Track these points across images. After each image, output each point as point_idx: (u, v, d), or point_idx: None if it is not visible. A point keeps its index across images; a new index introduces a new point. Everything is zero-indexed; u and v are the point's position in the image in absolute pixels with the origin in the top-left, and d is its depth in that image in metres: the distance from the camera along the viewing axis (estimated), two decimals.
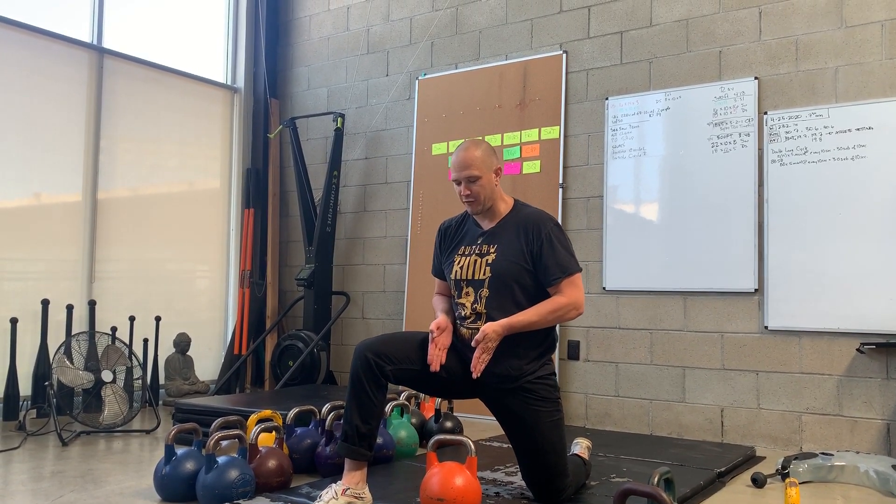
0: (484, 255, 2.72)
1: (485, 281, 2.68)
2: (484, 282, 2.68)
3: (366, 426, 2.57)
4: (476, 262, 2.73)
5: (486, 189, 2.71)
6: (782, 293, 4.10)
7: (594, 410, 4.63)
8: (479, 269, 2.71)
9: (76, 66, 5.08)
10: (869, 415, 3.87)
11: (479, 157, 2.70)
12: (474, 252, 2.75)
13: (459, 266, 2.76)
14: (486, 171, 2.70)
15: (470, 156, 2.70)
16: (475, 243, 2.78)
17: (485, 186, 2.70)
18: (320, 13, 6.15)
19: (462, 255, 2.79)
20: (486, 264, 2.69)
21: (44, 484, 3.01)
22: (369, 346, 2.58)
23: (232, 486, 2.67)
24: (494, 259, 2.69)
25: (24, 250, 4.75)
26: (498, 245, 2.71)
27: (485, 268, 2.69)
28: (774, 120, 4.20)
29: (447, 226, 2.95)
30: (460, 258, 2.78)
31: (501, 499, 2.75)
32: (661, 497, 1.99)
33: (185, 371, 5.35)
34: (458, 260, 2.79)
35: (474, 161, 2.69)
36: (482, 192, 2.71)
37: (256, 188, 6.14)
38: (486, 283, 2.68)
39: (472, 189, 2.70)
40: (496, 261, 2.68)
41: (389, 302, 5.56)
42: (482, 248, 2.74)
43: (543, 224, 2.69)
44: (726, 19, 4.39)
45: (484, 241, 2.75)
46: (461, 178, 2.70)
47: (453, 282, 2.78)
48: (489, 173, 2.71)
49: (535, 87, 5.00)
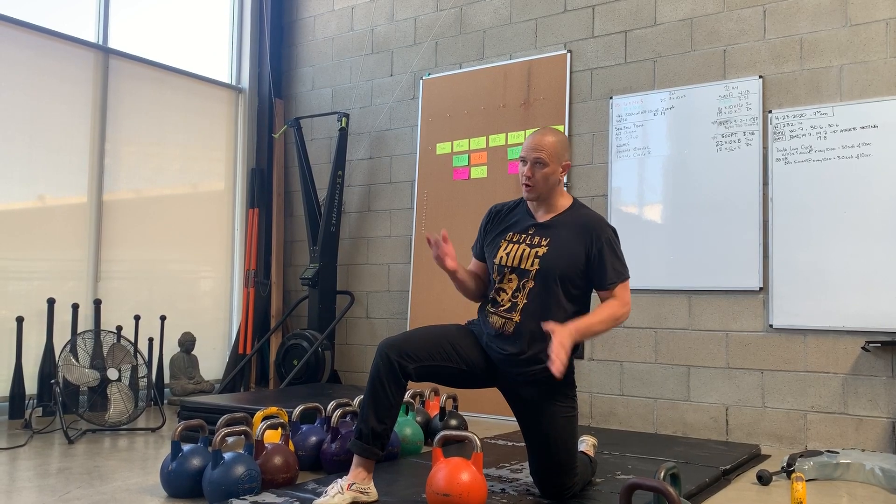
0: (534, 245, 2.66)
1: (531, 272, 2.63)
2: (530, 273, 2.63)
3: (381, 425, 2.57)
4: (525, 251, 2.66)
5: (549, 179, 2.66)
6: (787, 292, 4.09)
7: (599, 409, 4.63)
8: (526, 259, 2.65)
9: (81, 66, 5.10)
10: (874, 413, 3.86)
11: (550, 144, 2.65)
12: (524, 241, 2.69)
13: (506, 252, 2.70)
14: (553, 161, 2.64)
15: (544, 140, 2.65)
16: (526, 232, 2.71)
17: (547, 176, 2.65)
18: (325, 13, 6.17)
19: (510, 242, 2.71)
20: (536, 256, 2.63)
21: (50, 480, 3.02)
22: (392, 345, 2.58)
23: (238, 482, 2.67)
24: (546, 253, 2.63)
25: (30, 251, 4.77)
26: (551, 239, 2.65)
27: (533, 259, 2.63)
28: (779, 118, 4.20)
29: (498, 209, 2.86)
30: (507, 244, 2.71)
31: (507, 495, 2.76)
32: (668, 491, 1.99)
33: (190, 370, 5.36)
34: (504, 245, 2.72)
35: (545, 146, 2.64)
36: (543, 180, 2.65)
37: (261, 188, 6.15)
38: (532, 274, 2.63)
39: (534, 172, 2.64)
40: (547, 255, 2.63)
41: (394, 301, 5.57)
42: (533, 240, 2.68)
43: (603, 229, 2.65)
44: (730, 18, 4.39)
45: (536, 233, 2.69)
46: (528, 159, 2.65)
47: (496, 266, 2.71)
48: (556, 165, 2.66)
49: (539, 87, 5.01)
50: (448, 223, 5.26)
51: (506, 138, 5.09)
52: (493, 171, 5.11)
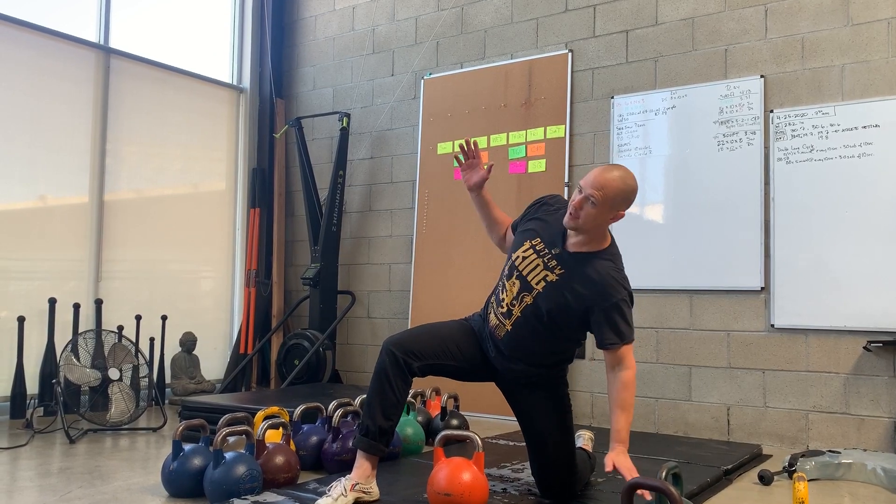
0: (549, 268, 2.57)
1: (533, 291, 2.58)
2: (532, 291, 2.58)
3: (387, 422, 2.59)
4: (538, 266, 2.58)
5: (594, 220, 2.49)
6: (789, 291, 4.09)
7: (600, 409, 4.63)
8: (536, 275, 2.58)
9: (82, 66, 5.10)
10: (876, 413, 3.86)
11: (613, 191, 2.45)
12: (544, 256, 2.59)
13: (524, 254, 2.63)
14: (607, 209, 2.47)
15: (609, 183, 2.45)
16: (550, 250, 2.59)
17: (594, 217, 2.47)
18: (326, 13, 6.16)
19: (532, 248, 2.62)
20: (545, 279, 2.56)
21: (51, 480, 3.02)
22: (398, 342, 2.60)
23: (239, 482, 2.67)
24: (554, 282, 2.54)
25: (31, 251, 4.77)
26: (566, 273, 2.54)
27: (542, 280, 2.56)
28: (780, 118, 4.20)
29: (545, 203, 2.75)
30: (530, 248, 2.63)
31: (508, 494, 2.75)
32: (669, 491, 1.99)
33: (191, 370, 5.36)
34: (526, 246, 2.64)
35: (608, 190, 2.44)
36: (588, 220, 2.48)
37: (262, 188, 6.15)
38: (533, 293, 2.58)
39: (583, 207, 2.46)
40: (554, 284, 2.54)
41: (395, 301, 5.56)
42: (551, 262, 2.57)
43: (617, 291, 2.49)
44: (732, 18, 4.39)
45: (556, 257, 2.57)
46: (584, 191, 2.46)
47: (510, 261, 2.67)
48: (608, 213, 2.48)
49: (540, 87, 5.00)
50: (449, 223, 5.26)
51: (507, 138, 5.09)
52: (495, 171, 5.11)
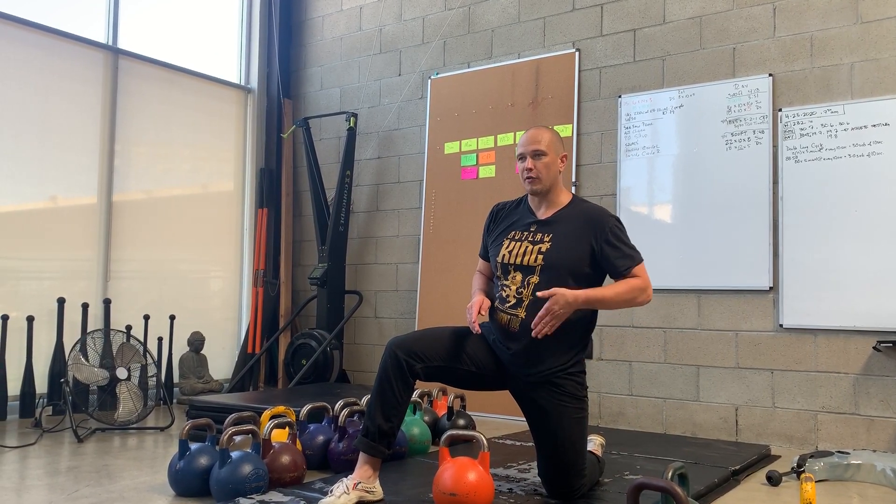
0: (537, 242, 2.68)
1: (535, 268, 2.63)
2: (535, 269, 2.64)
3: (388, 424, 2.57)
4: (527, 248, 2.68)
5: (551, 169, 2.70)
6: (797, 291, 4.07)
7: (608, 409, 4.61)
8: (529, 256, 2.66)
9: (91, 66, 5.12)
10: (886, 413, 3.83)
11: (547, 137, 2.71)
12: (526, 238, 2.71)
13: (508, 250, 2.71)
14: (552, 151, 2.70)
15: (539, 134, 2.72)
16: (528, 230, 2.73)
17: (549, 166, 2.69)
18: (333, 13, 6.17)
19: (512, 240, 2.74)
20: (539, 252, 2.65)
21: (59, 479, 3.03)
22: (401, 344, 2.59)
23: (245, 481, 2.68)
24: (549, 248, 2.64)
25: (40, 251, 4.79)
26: (553, 235, 2.67)
27: (537, 255, 2.64)
28: (789, 117, 4.18)
29: (500, 207, 2.90)
30: (510, 242, 2.73)
31: (514, 495, 2.75)
32: (675, 491, 1.97)
33: (199, 370, 5.37)
34: (506, 244, 2.74)
35: (542, 139, 2.70)
36: (546, 170, 2.69)
37: (270, 188, 6.16)
38: (536, 270, 2.63)
39: (536, 164, 2.68)
40: (550, 250, 2.64)
41: (402, 301, 5.56)
42: (535, 236, 2.69)
43: (606, 220, 2.65)
44: (740, 16, 4.37)
45: (538, 230, 2.71)
46: (527, 153, 2.69)
47: (500, 265, 2.72)
48: (555, 155, 2.71)
49: (547, 86, 4.99)
50: (456, 223, 5.25)
51: (514, 137, 5.07)
52: (502, 170, 5.10)
